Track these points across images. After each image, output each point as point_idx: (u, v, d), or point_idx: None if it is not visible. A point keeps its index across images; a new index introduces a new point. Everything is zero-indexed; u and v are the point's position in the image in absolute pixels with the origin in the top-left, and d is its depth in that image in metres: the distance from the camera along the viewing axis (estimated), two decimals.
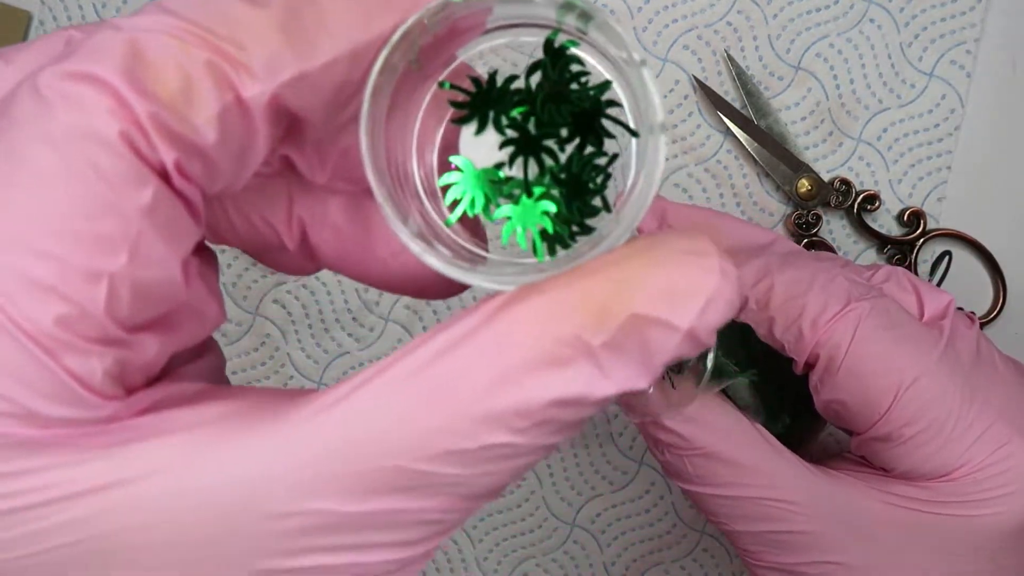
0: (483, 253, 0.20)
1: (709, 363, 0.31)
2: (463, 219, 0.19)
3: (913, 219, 0.44)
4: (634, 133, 0.19)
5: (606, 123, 0.18)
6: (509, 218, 0.18)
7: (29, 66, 0.18)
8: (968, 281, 0.45)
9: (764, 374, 0.38)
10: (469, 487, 0.17)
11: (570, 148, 0.18)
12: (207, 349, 0.21)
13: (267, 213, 0.21)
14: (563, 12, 0.18)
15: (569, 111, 0.18)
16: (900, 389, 0.31)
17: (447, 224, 0.20)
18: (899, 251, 0.44)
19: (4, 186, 0.15)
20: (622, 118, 0.19)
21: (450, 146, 0.20)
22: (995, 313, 0.44)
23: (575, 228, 0.18)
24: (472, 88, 0.19)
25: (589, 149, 0.18)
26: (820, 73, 0.45)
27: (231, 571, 0.17)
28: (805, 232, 0.44)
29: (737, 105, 0.44)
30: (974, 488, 0.30)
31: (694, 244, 0.16)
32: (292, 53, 0.16)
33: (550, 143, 0.18)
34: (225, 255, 0.45)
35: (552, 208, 0.18)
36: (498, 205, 0.19)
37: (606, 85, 0.18)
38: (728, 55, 0.44)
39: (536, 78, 0.18)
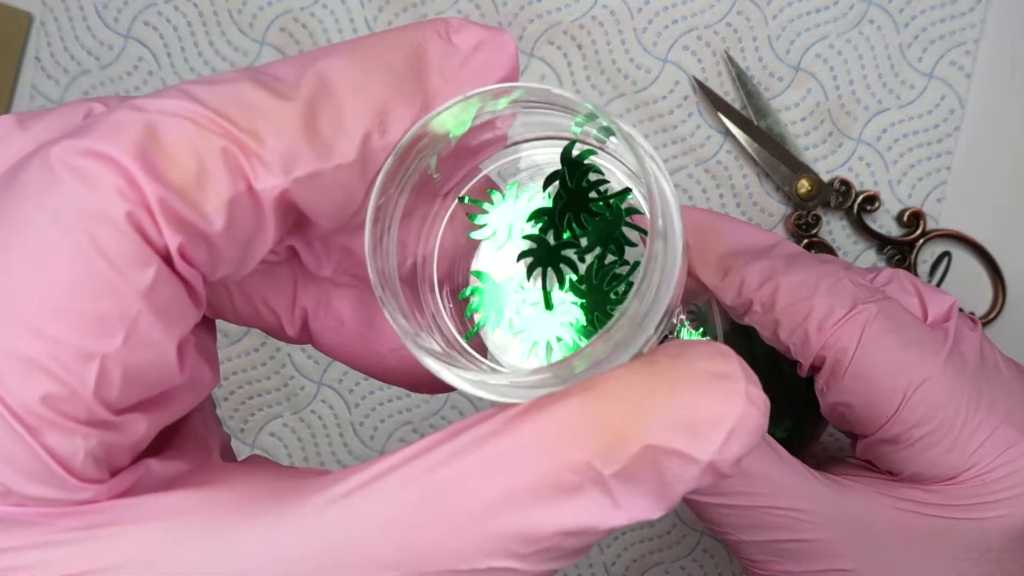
0: (487, 363, 0.20)
1: None
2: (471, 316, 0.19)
3: (913, 220, 0.44)
4: (652, 240, 0.18)
5: (626, 231, 0.18)
6: (528, 331, 0.18)
7: (44, 135, 0.17)
8: (968, 281, 0.45)
9: (767, 378, 0.38)
10: None
11: (590, 257, 0.18)
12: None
13: (270, 298, 0.21)
14: (585, 120, 0.17)
15: (588, 220, 0.18)
16: (908, 391, 0.30)
17: (466, 339, 0.19)
18: (899, 252, 0.44)
19: (3, 259, 0.15)
20: (643, 225, 0.18)
21: (469, 257, 0.20)
22: (995, 313, 0.44)
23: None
24: (492, 202, 0.18)
25: (610, 258, 0.18)
26: (820, 74, 0.45)
27: None
28: (805, 233, 0.44)
29: (737, 106, 0.44)
30: (982, 490, 0.30)
31: (718, 365, 0.15)
32: (310, 150, 0.16)
33: (570, 253, 0.18)
34: None
35: (572, 319, 0.18)
36: (518, 317, 0.18)
37: (625, 193, 0.18)
38: (728, 56, 0.44)
39: (554, 188, 0.18)
